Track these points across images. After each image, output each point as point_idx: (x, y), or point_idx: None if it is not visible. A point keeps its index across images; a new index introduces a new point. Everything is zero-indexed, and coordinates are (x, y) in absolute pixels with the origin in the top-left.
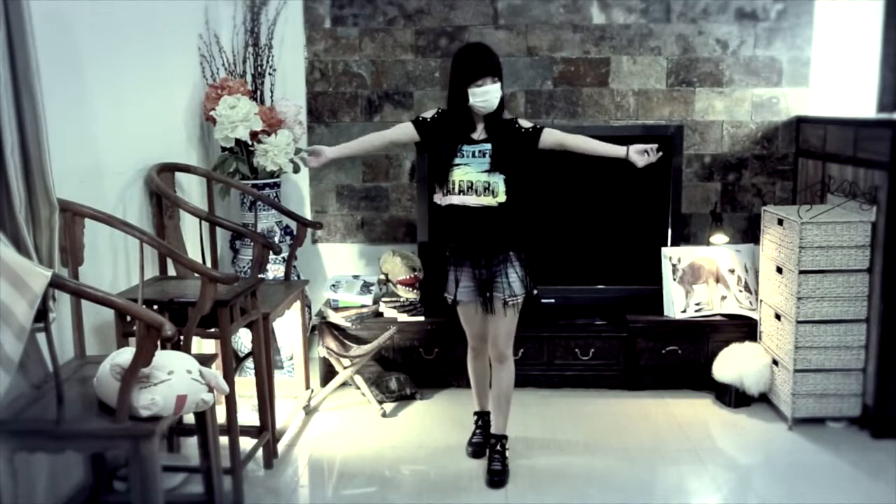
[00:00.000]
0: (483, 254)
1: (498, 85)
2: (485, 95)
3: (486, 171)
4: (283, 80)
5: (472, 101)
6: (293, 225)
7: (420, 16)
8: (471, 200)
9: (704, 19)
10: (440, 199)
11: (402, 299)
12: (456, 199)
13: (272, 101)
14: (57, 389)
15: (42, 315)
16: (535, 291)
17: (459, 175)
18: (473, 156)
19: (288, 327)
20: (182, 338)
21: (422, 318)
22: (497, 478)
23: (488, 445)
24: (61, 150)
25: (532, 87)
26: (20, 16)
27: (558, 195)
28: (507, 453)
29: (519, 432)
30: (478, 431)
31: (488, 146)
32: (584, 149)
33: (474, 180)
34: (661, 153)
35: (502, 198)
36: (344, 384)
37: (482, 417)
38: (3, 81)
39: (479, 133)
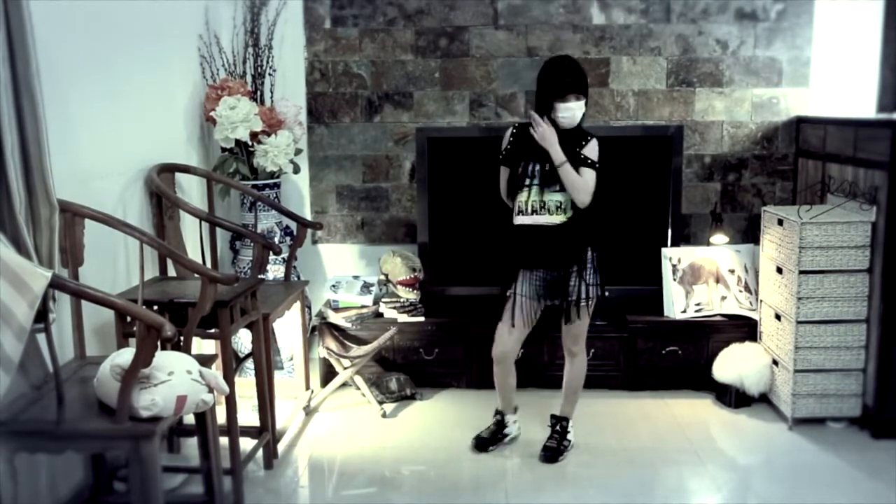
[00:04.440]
0: (553, 267)
1: (582, 102)
2: (568, 112)
3: (557, 190)
4: (283, 81)
5: (555, 115)
6: (293, 225)
7: (420, 16)
8: (542, 220)
9: (704, 19)
10: (515, 218)
11: (402, 300)
12: (528, 220)
13: (272, 101)
14: (57, 390)
15: (42, 316)
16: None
17: (532, 196)
18: (537, 175)
19: (288, 328)
20: (182, 338)
21: (422, 319)
22: (549, 454)
23: (550, 424)
24: (61, 151)
25: (532, 88)
26: (20, 16)
27: None
28: (569, 435)
29: (520, 433)
30: (492, 428)
31: (547, 164)
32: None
33: (546, 199)
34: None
35: (570, 213)
36: (344, 385)
37: (502, 415)
38: (4, 82)
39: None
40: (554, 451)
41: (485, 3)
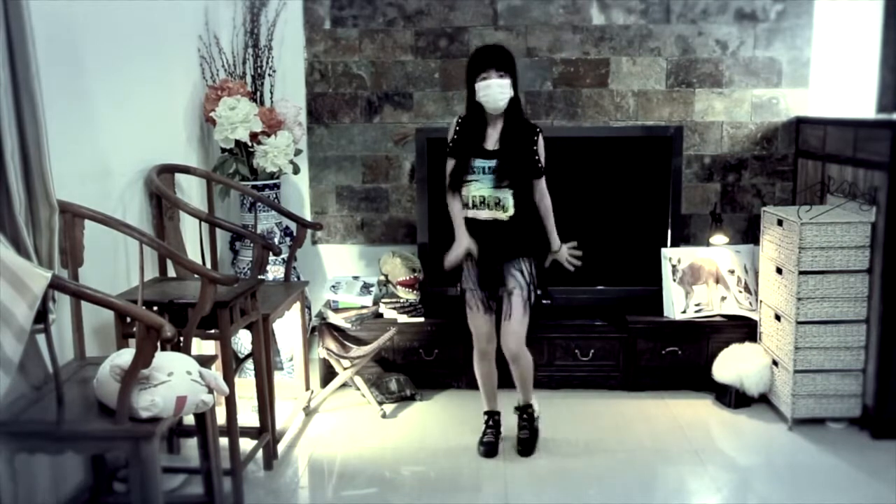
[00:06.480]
0: (493, 261)
1: (504, 80)
2: (486, 90)
3: (495, 187)
4: (282, 81)
5: (478, 96)
6: (293, 226)
7: (420, 17)
8: (483, 214)
9: (704, 20)
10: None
11: (401, 300)
12: (470, 213)
13: (272, 102)
14: (57, 391)
15: (42, 316)
16: (540, 292)
17: (473, 191)
18: (484, 172)
19: (288, 328)
20: (182, 339)
21: (422, 320)
22: (525, 447)
23: (516, 415)
24: (61, 152)
25: (532, 89)
26: (20, 17)
27: (558, 196)
28: (536, 421)
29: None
30: (489, 431)
31: (494, 162)
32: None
33: (486, 195)
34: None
35: (511, 211)
36: (344, 385)
37: (492, 417)
38: (3, 83)
39: (494, 143)
40: (529, 441)
41: (484, 4)
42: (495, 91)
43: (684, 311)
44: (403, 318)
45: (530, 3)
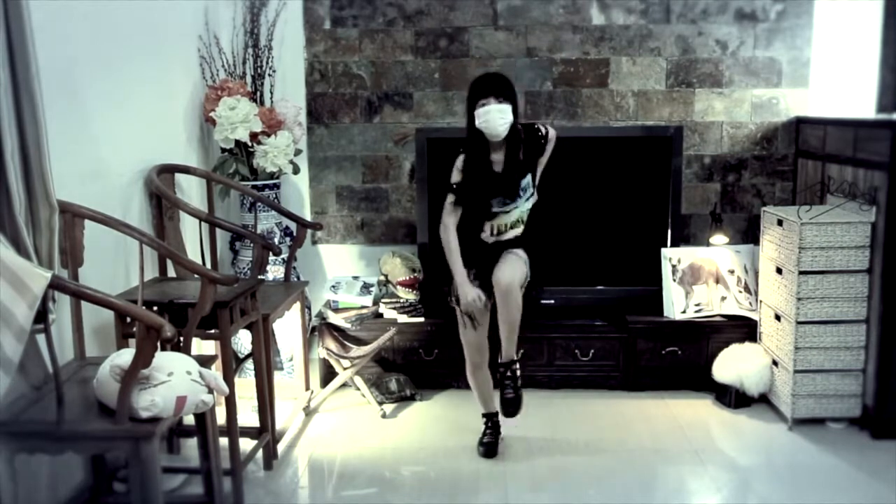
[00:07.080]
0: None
1: (503, 106)
2: (486, 115)
3: (516, 209)
4: (282, 81)
5: (478, 122)
6: (293, 226)
7: (419, 17)
8: (509, 235)
9: (704, 20)
10: (486, 237)
11: (401, 300)
12: (492, 239)
13: (272, 102)
14: (57, 391)
15: (42, 316)
16: (534, 292)
17: (506, 219)
18: (505, 204)
19: (288, 328)
20: (182, 339)
21: (421, 320)
22: (511, 408)
23: (498, 374)
24: (61, 152)
25: (532, 89)
26: (20, 18)
27: (558, 196)
28: (519, 380)
29: (519, 433)
30: (489, 431)
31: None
32: None
33: (512, 220)
34: None
35: (525, 221)
36: (344, 385)
37: (491, 419)
38: (3, 84)
39: (500, 166)
40: (515, 401)
41: (484, 4)
42: (495, 116)
43: (684, 311)
44: (403, 318)
45: (530, 3)
